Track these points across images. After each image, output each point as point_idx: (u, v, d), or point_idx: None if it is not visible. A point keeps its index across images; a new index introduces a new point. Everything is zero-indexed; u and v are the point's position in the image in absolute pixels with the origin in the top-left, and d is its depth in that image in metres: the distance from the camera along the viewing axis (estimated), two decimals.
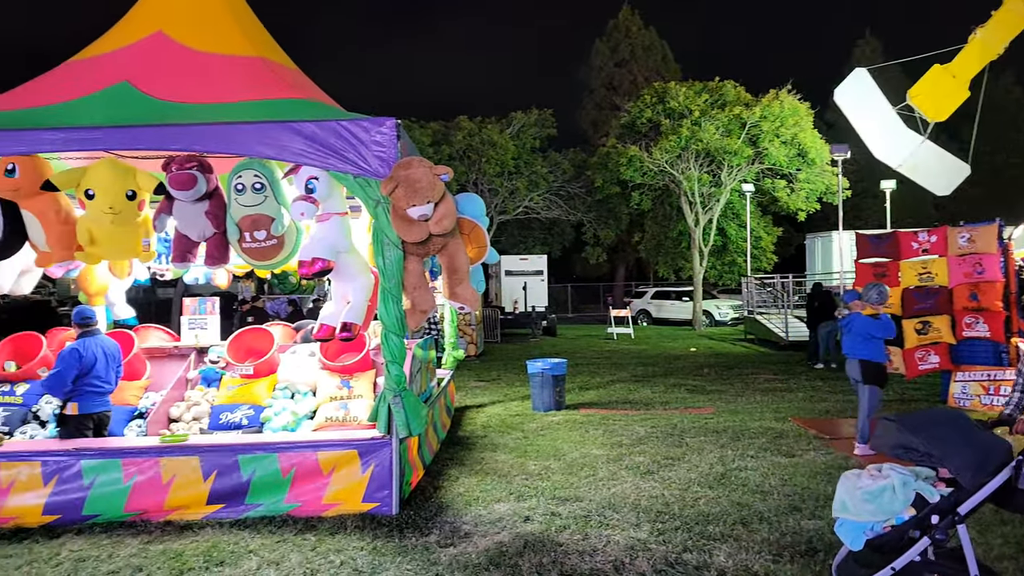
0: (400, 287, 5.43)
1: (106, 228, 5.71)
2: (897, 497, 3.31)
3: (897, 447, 3.44)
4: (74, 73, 6.44)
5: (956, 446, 3.28)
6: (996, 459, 3.20)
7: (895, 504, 3.31)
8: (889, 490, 3.33)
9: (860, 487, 3.42)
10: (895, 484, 3.33)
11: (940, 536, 3.18)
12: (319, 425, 6.44)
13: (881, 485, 3.36)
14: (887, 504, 3.32)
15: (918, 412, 3.73)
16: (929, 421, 3.48)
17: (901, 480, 3.35)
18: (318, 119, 5.45)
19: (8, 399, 6.90)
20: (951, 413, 3.63)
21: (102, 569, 4.51)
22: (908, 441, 3.39)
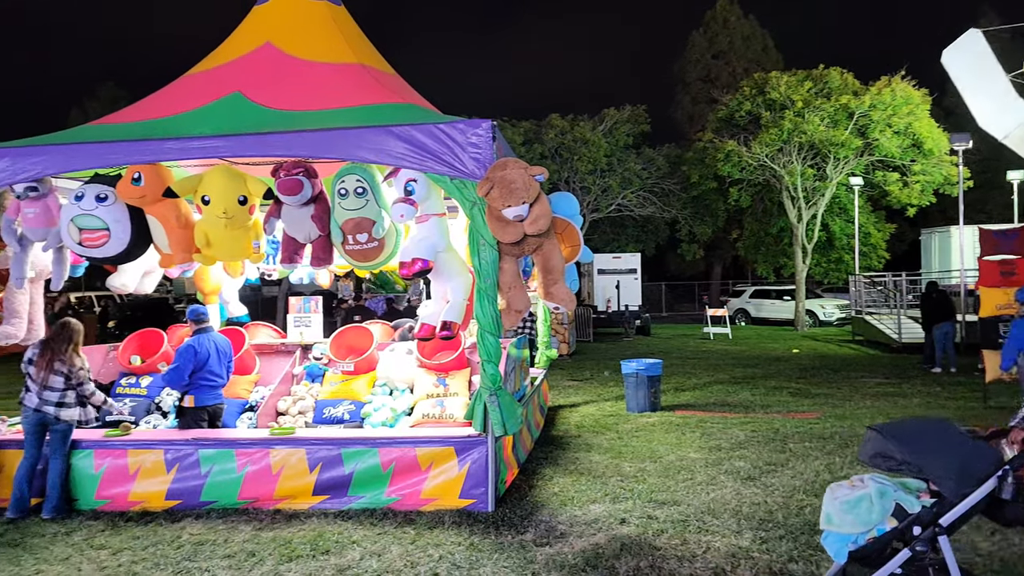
0: (496, 287, 5.48)
1: (220, 231, 6.04)
2: (874, 507, 3.22)
3: (875, 456, 3.33)
4: (190, 85, 6.86)
5: (936, 455, 3.18)
6: (980, 469, 3.09)
7: (872, 515, 3.22)
8: (866, 500, 3.24)
9: (837, 497, 3.34)
10: (872, 494, 3.25)
11: (921, 548, 3.09)
12: (416, 422, 6.60)
13: (858, 495, 3.28)
14: (864, 515, 3.23)
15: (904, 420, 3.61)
16: (911, 430, 3.37)
17: (878, 490, 3.26)
18: (416, 123, 5.57)
19: (134, 391, 7.45)
20: (938, 422, 3.48)
21: (219, 553, 4.79)
22: (886, 450, 3.27)
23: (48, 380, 5.65)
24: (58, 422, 5.66)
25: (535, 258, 5.73)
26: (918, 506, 3.21)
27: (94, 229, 6.00)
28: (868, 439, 3.37)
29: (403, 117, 5.84)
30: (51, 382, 5.65)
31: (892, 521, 3.23)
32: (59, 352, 5.74)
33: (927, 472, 3.21)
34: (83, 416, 5.85)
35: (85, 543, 5.02)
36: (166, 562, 4.65)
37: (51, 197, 6.33)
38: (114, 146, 5.80)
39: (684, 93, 38.90)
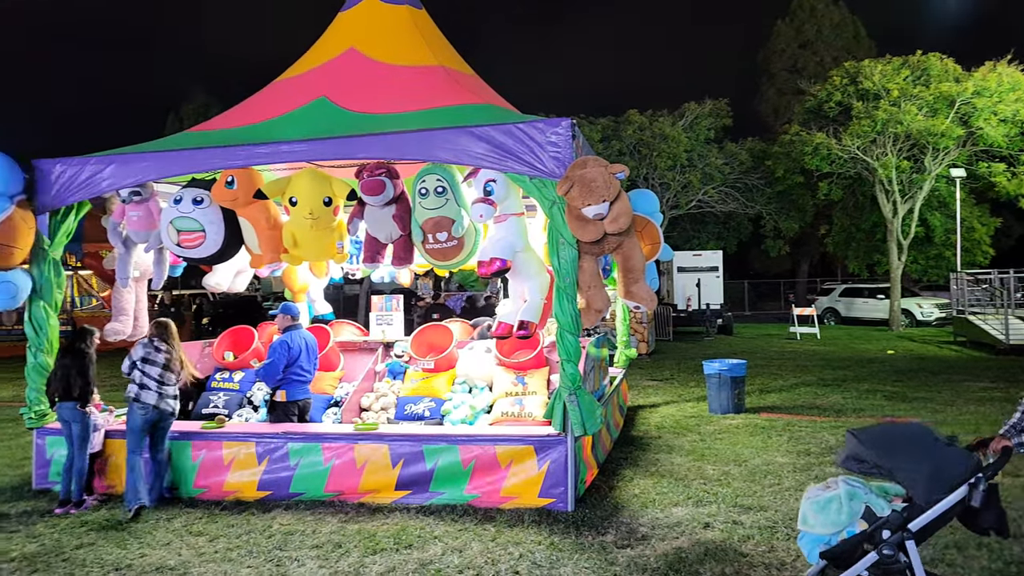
0: (575, 286, 5.45)
1: (307, 232, 6.24)
2: (843, 509, 3.25)
3: (848, 459, 3.35)
4: (279, 91, 7.13)
5: (907, 460, 3.19)
6: (952, 475, 3.08)
7: (841, 516, 3.25)
8: (836, 502, 3.28)
9: (810, 498, 3.39)
10: (841, 496, 3.28)
11: (888, 551, 3.10)
12: (495, 419, 6.63)
13: (828, 496, 3.32)
14: (834, 516, 3.26)
15: (881, 424, 3.71)
16: (887, 434, 3.37)
17: (848, 492, 3.28)
18: (495, 123, 5.60)
19: (227, 385, 7.79)
20: (915, 427, 3.50)
21: (307, 543, 4.95)
22: (859, 453, 3.30)
23: (166, 377, 5.93)
24: (172, 417, 6.01)
25: (615, 257, 5.67)
26: (888, 509, 3.22)
27: (191, 231, 6.32)
28: (846, 442, 3.40)
29: (482, 117, 5.88)
30: (168, 379, 5.94)
31: (863, 524, 3.24)
32: (171, 349, 6.03)
33: (897, 476, 3.24)
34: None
35: (184, 529, 5.29)
36: (258, 550, 4.85)
37: (153, 201, 6.71)
38: (209, 152, 6.08)
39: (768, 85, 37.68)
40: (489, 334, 7.81)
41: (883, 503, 3.27)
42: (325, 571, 4.49)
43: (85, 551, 4.89)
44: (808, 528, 3.36)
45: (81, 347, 6.03)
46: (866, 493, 3.30)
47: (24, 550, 4.93)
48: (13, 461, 7.43)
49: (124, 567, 4.61)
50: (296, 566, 4.58)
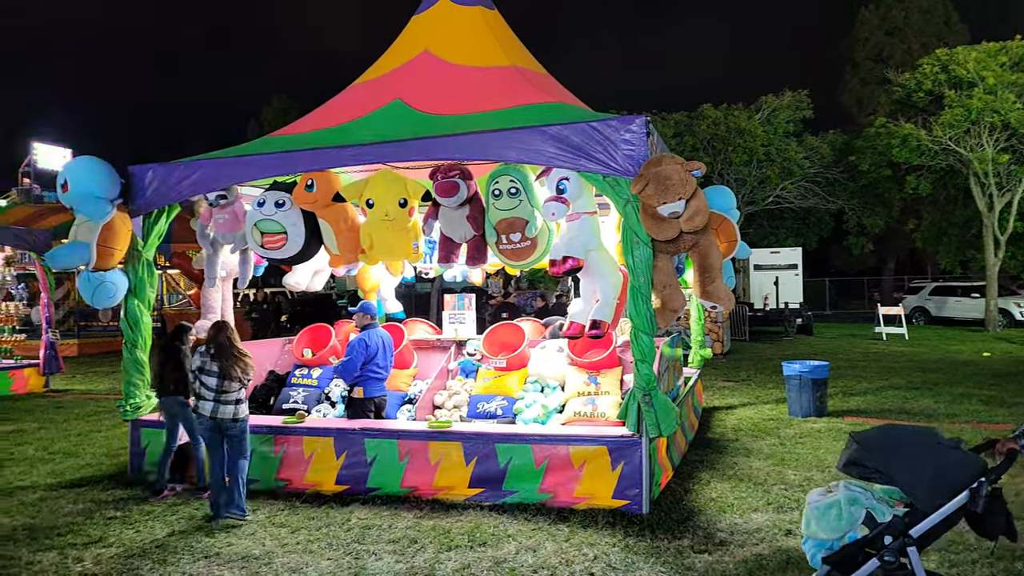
0: (650, 285, 5.37)
1: (383, 233, 6.37)
2: (843, 515, 3.21)
3: (848, 464, 3.28)
4: (355, 95, 7.30)
5: (908, 464, 3.12)
6: (955, 480, 3.00)
7: (841, 522, 3.21)
8: (836, 507, 3.24)
9: (811, 503, 3.37)
10: (841, 501, 3.24)
11: (889, 558, 3.05)
12: (567, 419, 6.60)
13: (828, 502, 3.28)
14: (834, 521, 3.23)
15: (883, 427, 3.48)
16: (888, 437, 3.31)
17: (849, 498, 3.24)
18: (568, 122, 5.57)
19: (306, 381, 8.03)
20: (916, 429, 3.42)
21: (384, 537, 5.05)
22: (859, 457, 3.24)
23: (226, 386, 5.58)
24: (235, 423, 5.60)
25: (691, 255, 5.55)
26: (889, 515, 3.17)
27: (274, 232, 6.55)
28: (846, 446, 3.36)
29: (555, 116, 5.86)
30: (228, 387, 5.58)
31: (864, 529, 3.19)
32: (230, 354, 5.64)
33: (897, 481, 3.17)
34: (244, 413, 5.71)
35: (268, 520, 5.48)
36: (337, 543, 4.98)
37: (238, 204, 6.98)
38: (290, 156, 6.28)
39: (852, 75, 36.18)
40: (560, 333, 7.78)
41: (884, 508, 3.21)
42: (402, 566, 4.57)
43: (176, 539, 5.13)
44: (810, 533, 3.33)
45: (176, 343, 6.32)
46: (867, 498, 3.25)
47: (121, 537, 5.21)
48: (110, 451, 7.87)
49: (212, 555, 4.81)
50: (373, 560, 4.67)
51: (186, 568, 4.59)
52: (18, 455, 7.79)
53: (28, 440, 8.55)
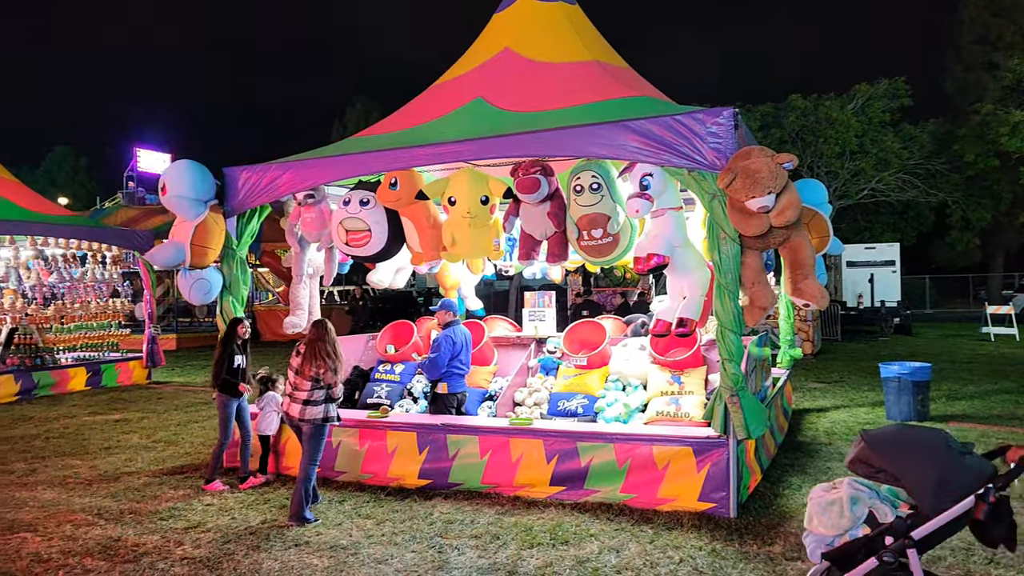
0: (737, 282, 5.19)
1: (464, 230, 6.40)
2: (844, 513, 3.21)
3: (855, 461, 3.26)
4: (437, 95, 7.37)
5: (914, 466, 3.10)
6: (960, 485, 2.94)
7: (842, 520, 3.21)
8: (838, 505, 3.24)
9: (813, 499, 3.37)
10: (843, 499, 3.23)
11: (888, 558, 3.01)
12: (650, 419, 6.47)
13: (830, 499, 3.28)
14: (835, 518, 3.23)
15: (893, 427, 3.48)
16: (897, 438, 3.28)
17: (851, 496, 3.23)
18: (651, 115, 5.45)
19: (389, 377, 8.17)
20: (928, 432, 3.32)
21: (466, 532, 5.09)
22: (866, 456, 3.22)
23: (300, 382, 5.63)
24: (304, 423, 5.58)
25: (782, 252, 5.34)
26: (892, 515, 3.17)
27: (358, 231, 6.70)
28: (855, 443, 3.31)
29: (638, 111, 5.75)
30: (301, 384, 5.62)
31: (866, 528, 3.19)
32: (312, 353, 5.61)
33: (903, 482, 3.15)
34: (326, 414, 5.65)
35: (354, 512, 5.61)
36: (421, 536, 5.04)
37: (324, 203, 7.18)
38: (374, 155, 6.40)
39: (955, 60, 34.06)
40: (643, 331, 7.65)
41: (888, 509, 3.21)
42: (484, 561, 4.58)
43: (269, 527, 5.32)
44: (812, 528, 3.33)
45: (229, 340, 6.53)
46: (871, 497, 3.25)
47: (218, 522, 5.44)
48: (207, 440, 8.25)
49: (303, 544, 4.96)
50: (456, 554, 4.71)
51: (278, 555, 4.75)
52: (124, 443, 8.27)
53: (133, 429, 9.07)
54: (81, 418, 9.90)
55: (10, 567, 4.62)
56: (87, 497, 6.13)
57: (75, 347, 13.43)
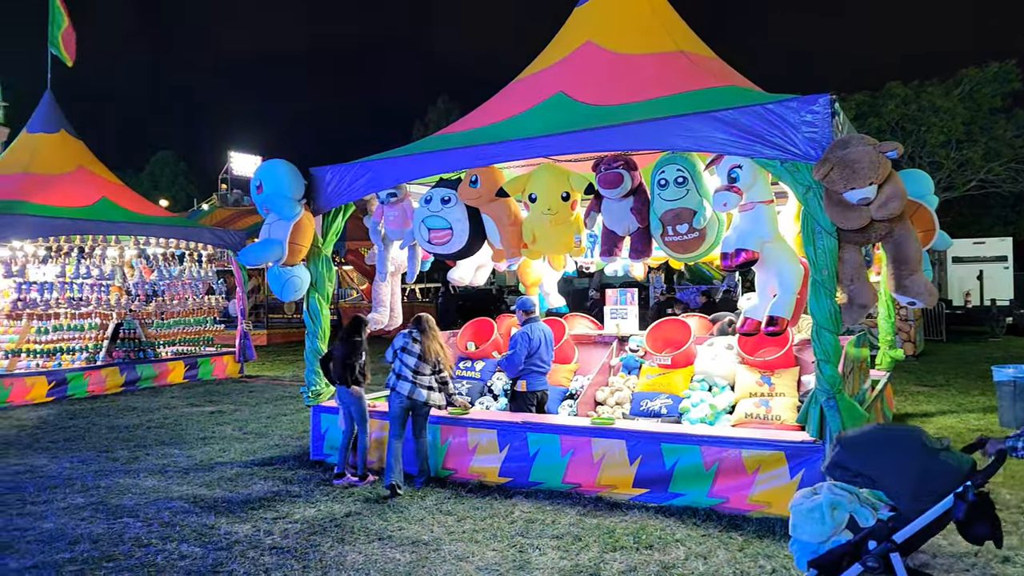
0: (834, 279, 4.90)
1: (545, 227, 6.33)
2: (825, 519, 3.19)
3: (832, 466, 3.28)
4: (517, 91, 7.31)
5: (891, 467, 3.11)
6: (939, 484, 2.96)
7: (824, 526, 3.19)
8: (819, 511, 3.22)
9: (793, 506, 3.35)
10: (823, 506, 3.22)
11: (872, 564, 3.03)
12: (738, 421, 6.23)
13: (811, 506, 3.26)
14: (817, 525, 3.21)
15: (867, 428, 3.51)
16: (872, 439, 3.32)
17: (831, 501, 3.22)
18: (740, 105, 5.22)
19: (470, 374, 8.21)
20: (901, 431, 3.41)
21: (547, 532, 5.01)
22: (843, 460, 3.24)
23: (420, 367, 6.21)
24: (425, 406, 6.24)
25: (885, 246, 5.02)
26: (872, 520, 3.15)
27: (440, 228, 6.73)
28: (832, 447, 3.29)
29: (726, 101, 5.52)
30: (422, 369, 6.22)
31: (848, 533, 3.16)
32: (431, 338, 6.32)
33: (880, 485, 3.15)
34: (440, 400, 6.39)
35: (435, 508, 5.63)
36: (502, 534, 5.00)
37: (406, 201, 7.25)
38: (454, 153, 6.41)
39: None
40: (730, 330, 7.38)
41: (868, 513, 3.18)
42: (566, 563, 4.49)
43: (353, 520, 5.40)
44: (797, 536, 3.30)
45: (356, 336, 6.67)
46: (851, 502, 3.22)
47: (304, 514, 5.57)
48: (295, 433, 8.50)
49: (386, 538, 5.01)
50: (538, 554, 4.64)
51: (361, 548, 4.81)
52: (218, 434, 8.62)
53: (226, 420, 9.45)
54: (179, 409, 10.40)
55: (113, 551, 4.86)
56: (184, 485, 6.40)
57: (174, 342, 14.15)
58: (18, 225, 10.89)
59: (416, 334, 6.34)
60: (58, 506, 5.83)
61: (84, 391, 11.67)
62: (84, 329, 12.42)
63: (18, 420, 9.66)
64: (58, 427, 9.15)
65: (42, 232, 11.29)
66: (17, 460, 7.42)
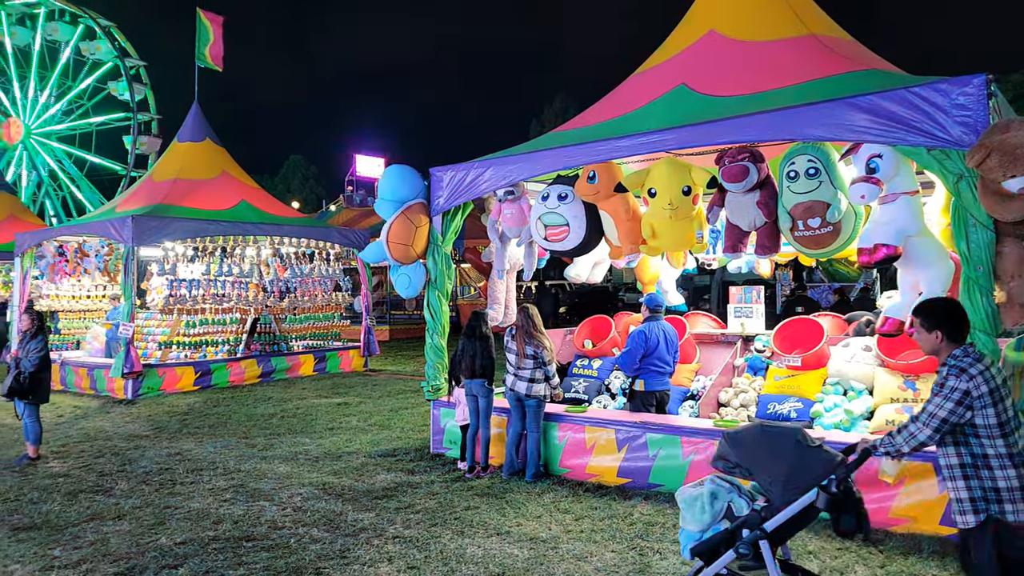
0: (990, 276, 4.47)
1: (665, 223, 6.17)
2: (705, 508, 3.40)
3: (716, 458, 3.52)
4: (637, 85, 7.16)
5: (766, 460, 3.32)
6: (807, 478, 3.15)
7: (704, 515, 3.40)
8: (700, 501, 3.42)
9: (679, 496, 3.55)
10: (704, 495, 3.43)
11: (743, 550, 3.21)
12: (877, 427, 5.81)
13: (694, 495, 3.47)
14: (698, 514, 3.42)
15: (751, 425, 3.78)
16: (752, 435, 3.48)
17: (711, 492, 3.43)
18: (881, 90, 4.86)
19: (586, 372, 8.14)
20: (779, 429, 3.56)
21: (668, 536, 4.88)
22: (725, 453, 3.47)
23: (521, 362, 6.41)
24: (528, 398, 6.39)
25: None
26: (747, 509, 3.33)
27: (557, 225, 6.71)
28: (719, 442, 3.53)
29: (863, 86, 5.17)
30: (523, 363, 6.41)
31: (727, 522, 3.35)
32: (529, 335, 6.44)
33: (756, 477, 3.37)
34: (548, 391, 6.48)
35: (553, 505, 5.62)
36: (620, 536, 4.92)
37: (524, 199, 7.28)
38: (572, 149, 6.37)
39: None
40: (867, 330, 6.91)
41: (744, 503, 3.39)
42: (688, 568, 4.34)
43: (471, 513, 5.48)
44: (684, 525, 3.50)
45: (484, 331, 6.79)
46: (729, 492, 3.44)
47: (426, 505, 5.71)
48: (415, 427, 8.75)
49: (503, 532, 5.05)
50: (658, 559, 4.53)
51: (480, 542, 4.87)
52: (344, 425, 9.01)
53: (352, 412, 9.87)
54: (309, 400, 10.97)
55: (252, 531, 5.18)
56: (314, 473, 6.73)
57: (304, 336, 14.95)
58: (170, 227, 11.86)
59: (514, 331, 6.54)
60: (204, 487, 6.29)
61: (226, 381, 12.56)
62: (226, 323, 13.36)
63: (169, 406, 10.52)
64: (203, 414, 9.89)
65: (190, 233, 12.25)
66: (168, 444, 8.07)
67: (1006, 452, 2.95)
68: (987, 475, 2.95)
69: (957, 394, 2.96)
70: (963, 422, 2.97)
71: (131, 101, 32.50)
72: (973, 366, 3.00)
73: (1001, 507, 2.91)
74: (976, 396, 2.94)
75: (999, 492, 2.92)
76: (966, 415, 2.96)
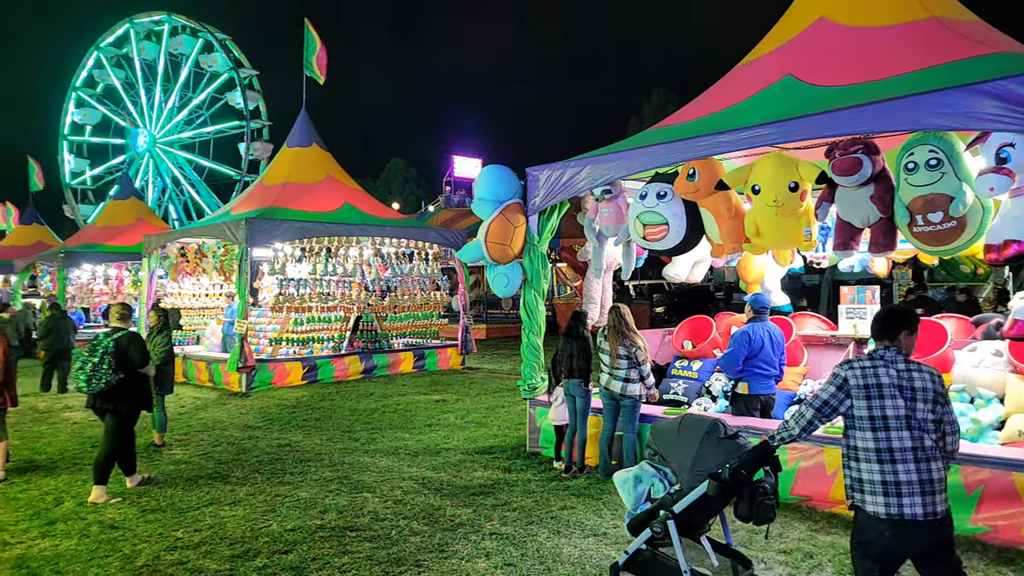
0: None
1: (771, 220, 5.92)
2: (632, 490, 3.88)
3: (645, 446, 4.13)
4: (741, 77, 6.92)
5: (678, 449, 3.77)
6: (707, 466, 3.50)
7: (631, 495, 3.89)
8: (629, 482, 3.91)
9: (615, 477, 4.03)
10: (630, 478, 3.93)
11: (657, 528, 3.68)
12: (1009, 438, 5.37)
13: (624, 477, 3.97)
14: (628, 495, 3.91)
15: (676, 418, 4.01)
16: (672, 425, 3.93)
17: (635, 475, 3.93)
18: (1011, 74, 4.47)
19: (686, 373, 7.94)
20: (696, 420, 3.88)
21: (774, 546, 4.69)
22: (650, 441, 4.02)
23: (615, 362, 6.35)
24: (624, 398, 6.33)
25: None
26: (663, 492, 3.82)
27: (656, 224, 6.57)
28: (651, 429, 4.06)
29: (992, 70, 4.77)
30: (617, 363, 6.34)
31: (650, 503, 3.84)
32: (621, 335, 6.36)
33: (669, 463, 3.87)
34: (643, 391, 6.39)
35: None
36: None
37: (621, 197, 7.18)
38: (671, 146, 6.22)
39: None
40: (997, 333, 6.40)
41: (663, 487, 3.83)
42: None
43: (568, 512, 5.46)
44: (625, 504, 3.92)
45: (582, 331, 6.78)
46: (652, 476, 3.89)
47: (522, 503, 5.73)
48: (512, 425, 8.81)
49: (600, 534, 5.00)
50: (763, 568, 4.36)
51: (577, 542, 4.84)
52: (443, 421, 9.19)
53: (450, 409, 10.05)
54: (409, 396, 11.26)
55: (356, 521, 5.36)
56: (414, 467, 6.90)
57: (404, 334, 15.36)
58: (279, 228, 12.47)
59: (607, 331, 6.50)
60: (311, 478, 6.57)
61: (331, 376, 13.08)
62: (331, 321, 13.90)
63: (279, 400, 11.06)
64: (310, 407, 10.34)
65: (297, 234, 12.83)
66: (279, 435, 8.48)
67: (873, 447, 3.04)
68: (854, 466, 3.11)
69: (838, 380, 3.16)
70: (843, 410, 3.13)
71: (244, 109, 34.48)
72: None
73: (863, 497, 3.05)
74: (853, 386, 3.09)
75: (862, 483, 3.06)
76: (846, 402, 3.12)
